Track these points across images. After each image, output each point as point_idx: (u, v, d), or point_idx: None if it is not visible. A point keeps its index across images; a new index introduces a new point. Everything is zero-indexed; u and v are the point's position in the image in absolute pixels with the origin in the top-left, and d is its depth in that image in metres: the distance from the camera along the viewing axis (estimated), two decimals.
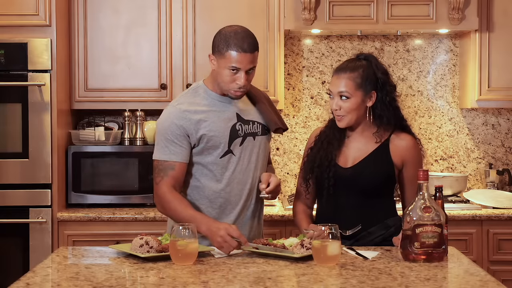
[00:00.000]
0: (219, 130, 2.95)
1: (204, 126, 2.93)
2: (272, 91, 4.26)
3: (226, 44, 2.89)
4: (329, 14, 4.18)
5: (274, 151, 4.61)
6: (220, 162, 2.95)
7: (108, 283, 2.31)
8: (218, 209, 2.98)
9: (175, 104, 2.98)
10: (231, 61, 2.88)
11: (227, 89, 2.94)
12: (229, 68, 2.89)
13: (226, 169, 2.97)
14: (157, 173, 2.94)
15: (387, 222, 2.99)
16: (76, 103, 4.26)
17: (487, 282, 2.34)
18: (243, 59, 2.89)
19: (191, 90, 3.04)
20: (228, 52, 2.88)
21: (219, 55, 2.91)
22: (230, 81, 2.92)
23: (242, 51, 2.88)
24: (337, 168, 2.99)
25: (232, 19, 4.22)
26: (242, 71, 2.90)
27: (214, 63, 2.95)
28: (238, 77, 2.91)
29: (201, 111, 2.95)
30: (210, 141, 2.93)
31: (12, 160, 3.96)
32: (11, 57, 3.95)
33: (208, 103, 2.98)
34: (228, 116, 2.98)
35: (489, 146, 4.63)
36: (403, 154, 2.99)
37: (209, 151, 2.95)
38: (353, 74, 2.95)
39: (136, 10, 4.25)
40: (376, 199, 2.99)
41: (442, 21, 4.20)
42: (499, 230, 4.03)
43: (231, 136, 2.96)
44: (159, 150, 2.95)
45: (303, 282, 2.37)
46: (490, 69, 4.29)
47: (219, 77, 2.94)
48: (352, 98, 2.94)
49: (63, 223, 3.99)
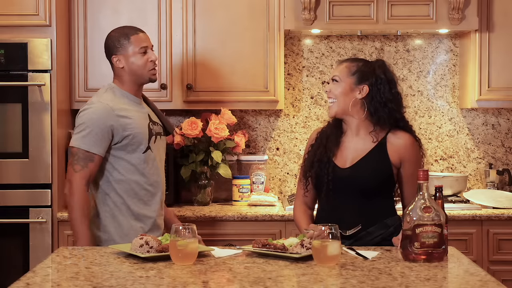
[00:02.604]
0: (142, 128, 3.21)
1: (129, 124, 3.17)
2: (272, 91, 4.26)
3: (125, 36, 3.23)
4: (329, 14, 4.19)
5: (274, 151, 4.61)
6: (142, 157, 3.21)
7: (108, 283, 2.31)
8: (141, 200, 3.22)
9: (101, 100, 3.19)
10: (138, 43, 3.22)
11: (145, 72, 3.24)
12: (139, 52, 3.22)
13: (147, 163, 3.22)
14: (76, 160, 3.11)
15: (386, 222, 3.00)
16: (76, 103, 4.26)
17: (487, 282, 2.34)
18: (144, 37, 3.27)
19: (108, 90, 3.26)
20: (131, 38, 3.23)
21: (123, 48, 3.23)
22: (144, 62, 3.22)
23: (140, 32, 3.27)
24: (336, 168, 3.01)
25: (232, 19, 4.25)
26: (149, 48, 3.26)
27: (120, 61, 3.25)
28: (149, 55, 3.24)
29: (125, 109, 3.20)
30: (134, 138, 3.17)
31: (12, 160, 3.96)
32: (11, 57, 3.95)
33: (128, 102, 3.25)
34: (144, 116, 3.27)
35: (489, 146, 4.63)
36: (400, 152, 3.00)
37: (133, 147, 3.18)
38: (351, 64, 3.07)
39: (136, 10, 4.25)
40: (375, 199, 3.00)
41: (442, 21, 4.20)
42: (499, 230, 4.03)
43: (149, 134, 3.24)
44: (82, 139, 3.11)
45: (303, 282, 2.37)
46: (490, 69, 4.29)
47: (133, 66, 3.23)
48: (342, 83, 3.03)
49: (63, 223, 3.99)
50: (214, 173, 4.30)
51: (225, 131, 4.20)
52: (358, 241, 2.96)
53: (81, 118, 3.16)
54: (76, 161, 3.11)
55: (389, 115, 3.01)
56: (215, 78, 4.27)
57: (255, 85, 4.29)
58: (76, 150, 3.12)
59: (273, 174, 4.61)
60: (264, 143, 4.61)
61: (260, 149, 4.61)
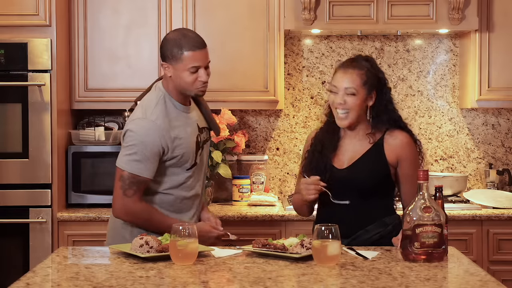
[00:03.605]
0: (189, 147, 3.04)
1: (178, 144, 3.00)
2: (272, 91, 4.26)
3: (179, 48, 2.95)
4: (329, 14, 4.18)
5: (274, 151, 4.61)
6: (186, 173, 3.05)
7: (108, 283, 2.31)
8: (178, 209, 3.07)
9: (152, 118, 2.97)
10: (189, 62, 2.95)
11: (191, 89, 3.01)
12: (189, 70, 2.95)
13: (191, 177, 3.08)
14: (128, 185, 2.94)
15: (385, 220, 3.02)
16: (76, 103, 4.26)
17: (487, 282, 2.35)
18: (200, 56, 2.97)
19: (160, 100, 3.02)
20: (184, 54, 2.95)
21: (175, 61, 2.96)
22: (192, 81, 2.98)
23: (197, 49, 2.96)
24: (333, 169, 3.02)
25: (232, 19, 4.25)
26: (202, 68, 2.97)
27: (169, 70, 3.00)
28: (200, 75, 2.97)
29: (174, 127, 3.00)
30: (182, 157, 3.02)
31: (12, 160, 3.96)
32: (11, 57, 3.95)
33: (177, 116, 3.03)
34: (192, 130, 3.07)
35: (489, 146, 4.63)
36: (397, 151, 3.01)
37: (178, 164, 3.03)
38: (360, 71, 2.99)
39: (136, 10, 4.25)
40: (373, 199, 3.02)
41: (442, 21, 4.20)
42: (499, 230, 4.03)
43: (196, 149, 3.08)
44: (135, 163, 2.94)
45: (303, 282, 2.37)
46: (490, 69, 4.29)
47: (181, 81, 2.98)
48: (359, 95, 2.97)
49: (63, 223, 3.99)
50: (214, 173, 4.30)
51: (225, 131, 4.20)
52: (356, 239, 2.96)
53: (131, 138, 2.96)
54: (129, 186, 2.94)
55: (389, 117, 3.03)
56: (215, 78, 4.25)
57: (255, 85, 4.29)
58: (128, 174, 2.94)
59: (273, 174, 4.61)
60: (264, 143, 4.61)
61: (260, 149, 4.61)
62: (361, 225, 2.99)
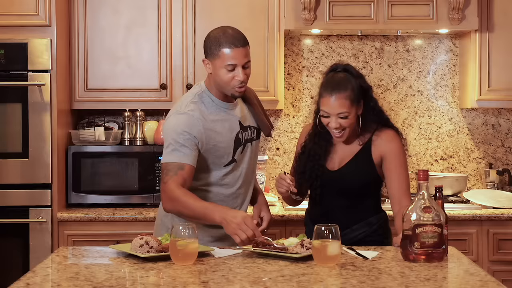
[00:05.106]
0: (226, 141, 2.98)
1: (213, 137, 2.94)
2: (272, 91, 4.26)
3: (217, 44, 2.90)
4: (329, 14, 4.19)
5: (274, 151, 4.61)
6: (224, 169, 3.00)
7: (108, 283, 2.31)
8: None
9: (186, 110, 2.94)
10: (226, 59, 2.89)
11: (228, 88, 2.94)
12: (226, 67, 2.90)
13: (228, 175, 3.02)
14: (165, 173, 2.89)
15: (370, 220, 3.09)
16: (76, 103, 4.26)
17: (487, 282, 2.34)
18: (237, 54, 2.89)
19: (197, 96, 3.00)
20: (221, 51, 2.89)
21: (213, 57, 2.92)
22: (229, 79, 2.91)
23: (234, 47, 2.89)
24: (325, 171, 3.09)
25: (232, 19, 4.24)
26: (239, 66, 2.90)
27: (209, 67, 2.96)
28: (236, 74, 2.90)
29: (210, 121, 2.95)
30: (217, 151, 2.97)
31: (12, 160, 3.96)
32: (11, 57, 3.95)
33: (214, 111, 2.98)
34: (232, 126, 3.02)
35: (489, 146, 4.63)
36: (381, 148, 3.06)
37: (214, 160, 2.98)
38: (346, 93, 2.97)
39: (136, 10, 4.25)
40: (362, 199, 3.09)
41: (442, 21, 4.20)
42: (499, 230, 4.03)
43: (235, 146, 3.01)
44: (168, 154, 2.90)
45: (303, 282, 2.37)
46: (490, 69, 4.29)
47: (218, 78, 2.94)
48: (351, 114, 3.00)
49: (63, 223, 3.99)
50: None
51: None
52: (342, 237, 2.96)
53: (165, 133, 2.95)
54: (165, 174, 2.88)
55: (376, 117, 3.09)
56: None
57: (255, 85, 4.25)
58: (165, 165, 2.90)
59: (273, 174, 4.61)
60: (264, 143, 4.61)
61: (260, 149, 4.61)
62: (348, 224, 3.04)
